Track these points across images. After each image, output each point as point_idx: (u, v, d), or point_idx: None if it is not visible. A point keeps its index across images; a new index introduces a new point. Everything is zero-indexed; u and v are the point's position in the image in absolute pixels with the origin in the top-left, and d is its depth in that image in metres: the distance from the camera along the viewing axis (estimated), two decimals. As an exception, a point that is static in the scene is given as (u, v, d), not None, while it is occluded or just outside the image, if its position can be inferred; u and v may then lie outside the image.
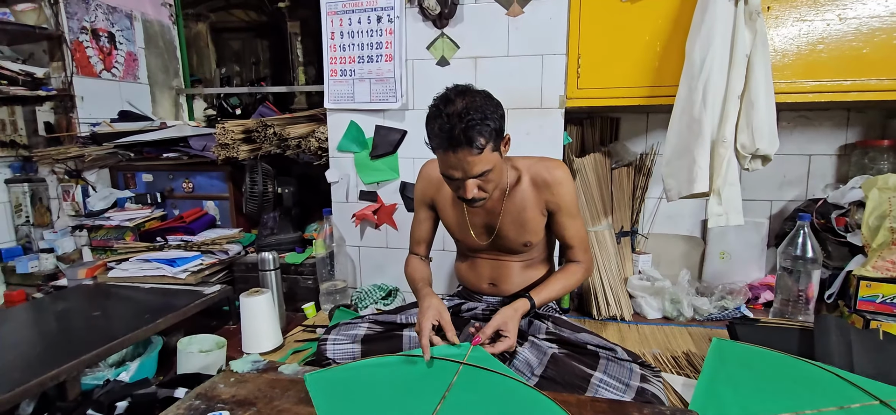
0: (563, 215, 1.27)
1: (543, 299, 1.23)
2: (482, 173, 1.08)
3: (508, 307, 1.16)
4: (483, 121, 1.03)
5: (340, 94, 1.80)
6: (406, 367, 1.07)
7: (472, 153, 1.04)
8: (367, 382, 1.04)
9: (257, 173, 1.93)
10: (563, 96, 1.61)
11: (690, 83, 1.38)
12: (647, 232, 1.95)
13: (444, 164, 1.09)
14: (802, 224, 1.49)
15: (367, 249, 1.96)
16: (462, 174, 1.08)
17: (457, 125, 1.02)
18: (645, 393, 1.02)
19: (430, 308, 1.14)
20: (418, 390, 0.98)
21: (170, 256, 1.85)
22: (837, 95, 1.42)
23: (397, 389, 1.00)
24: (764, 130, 1.34)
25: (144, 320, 1.46)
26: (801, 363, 1.19)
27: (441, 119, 1.04)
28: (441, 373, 1.03)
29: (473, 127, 1.02)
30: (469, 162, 1.06)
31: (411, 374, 1.05)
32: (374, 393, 1.00)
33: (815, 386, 1.10)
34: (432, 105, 1.09)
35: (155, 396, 1.17)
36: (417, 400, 0.95)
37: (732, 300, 1.70)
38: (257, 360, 1.17)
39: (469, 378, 1.01)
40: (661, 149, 1.87)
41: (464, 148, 1.04)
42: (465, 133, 1.02)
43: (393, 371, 1.07)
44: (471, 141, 1.03)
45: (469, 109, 1.03)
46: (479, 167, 1.07)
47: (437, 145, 1.07)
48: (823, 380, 1.12)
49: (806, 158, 1.80)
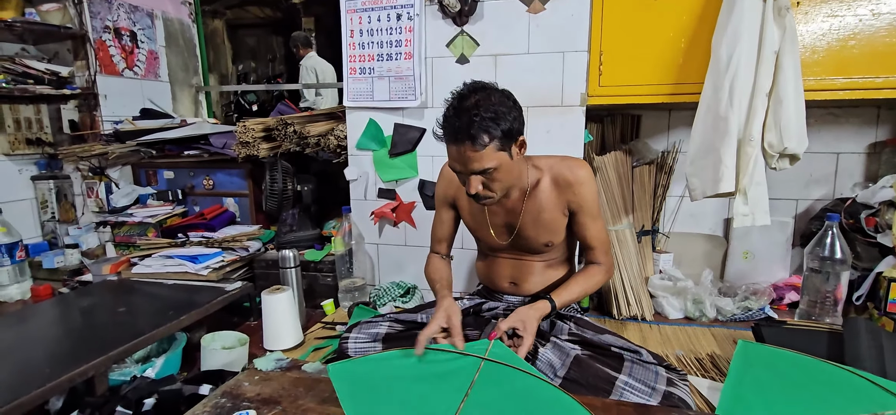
0: (584, 216, 1.25)
1: (564, 302, 1.21)
2: (484, 171, 1.08)
3: (528, 307, 1.15)
4: (492, 119, 1.03)
5: (359, 92, 1.80)
6: (429, 361, 1.07)
7: (473, 149, 1.05)
8: (389, 375, 1.04)
9: (277, 171, 1.94)
10: (584, 94, 1.59)
11: (716, 80, 1.35)
12: (669, 231, 1.92)
13: (449, 156, 1.12)
14: (831, 224, 1.46)
15: (385, 246, 1.97)
16: (463, 168, 1.10)
17: (460, 119, 1.04)
18: (671, 397, 1.00)
19: (441, 310, 1.15)
20: (441, 385, 0.99)
21: (192, 253, 1.88)
22: (869, 93, 1.38)
23: (420, 382, 1.01)
24: (792, 128, 1.31)
25: (169, 316, 1.48)
26: (831, 367, 1.16)
27: (449, 112, 1.07)
28: (463, 368, 1.03)
29: (476, 123, 1.03)
30: (468, 157, 1.06)
31: (434, 369, 1.05)
32: (397, 386, 1.00)
33: (846, 391, 1.07)
34: (448, 98, 1.11)
35: (181, 392, 1.19)
36: (441, 395, 0.95)
37: (756, 301, 1.67)
38: (281, 358, 1.18)
39: (491, 375, 1.00)
40: (683, 147, 1.84)
41: (465, 142, 1.04)
42: (467, 128, 1.03)
43: (415, 365, 1.06)
44: (472, 137, 1.03)
45: (480, 106, 1.04)
46: (478, 164, 1.07)
47: (443, 137, 1.10)
48: (855, 384, 1.09)
49: (834, 156, 1.76)
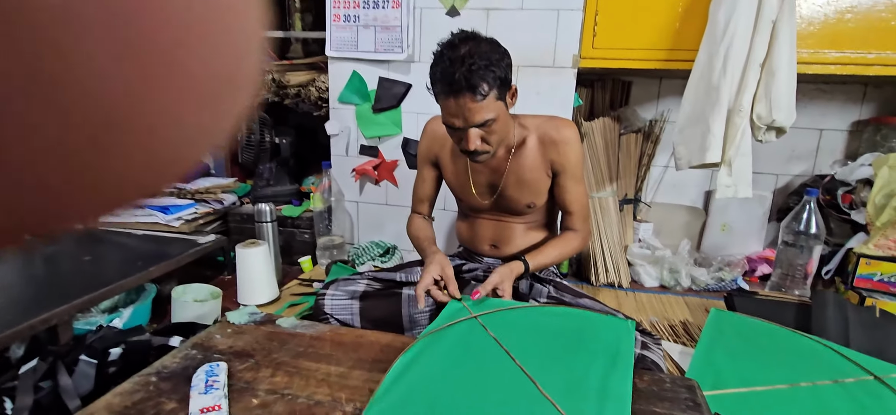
0: (566, 178, 1.23)
1: (538, 264, 1.21)
2: (484, 123, 1.04)
3: (504, 267, 1.15)
4: (487, 67, 0.99)
5: (343, 42, 1.72)
6: (449, 352, 0.92)
7: (474, 100, 1.00)
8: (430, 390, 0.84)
9: (254, 122, 1.86)
10: (576, 55, 1.55)
11: (711, 48, 1.32)
12: (651, 201, 1.92)
13: (446, 111, 1.06)
14: (809, 199, 1.48)
15: (366, 205, 1.92)
16: (463, 122, 1.04)
17: (458, 69, 0.98)
18: (645, 360, 1.01)
19: (433, 263, 1.13)
20: (473, 364, 0.87)
21: (163, 203, 1.81)
22: (859, 68, 1.38)
23: (458, 373, 0.86)
24: (782, 100, 1.30)
25: (137, 266, 1.43)
26: (797, 336, 1.20)
27: (444, 63, 1.00)
28: (472, 333, 0.97)
29: (476, 72, 0.98)
30: (470, 109, 1.01)
31: (454, 355, 0.90)
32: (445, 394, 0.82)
33: (810, 359, 1.11)
34: (437, 50, 1.05)
35: (149, 343, 1.15)
36: (483, 372, 0.84)
37: (730, 272, 1.70)
38: (254, 312, 1.15)
39: (500, 324, 0.99)
40: (671, 116, 1.82)
41: (465, 94, 1.00)
42: (467, 78, 0.98)
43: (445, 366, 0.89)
44: (473, 87, 0.99)
45: (473, 54, 0.99)
46: (480, 115, 1.02)
47: (440, 91, 1.03)
48: (819, 354, 1.13)
49: (817, 132, 1.77)
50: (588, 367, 0.86)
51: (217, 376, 0.88)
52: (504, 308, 1.04)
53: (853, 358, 1.08)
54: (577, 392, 0.80)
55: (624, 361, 0.88)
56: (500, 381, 0.83)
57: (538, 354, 0.90)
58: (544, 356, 0.89)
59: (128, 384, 0.89)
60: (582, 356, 0.89)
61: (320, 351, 1.00)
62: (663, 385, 0.90)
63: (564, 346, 0.93)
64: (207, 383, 0.86)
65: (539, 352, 0.90)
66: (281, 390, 0.87)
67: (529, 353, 0.89)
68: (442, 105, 1.06)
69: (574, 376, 0.84)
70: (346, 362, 0.96)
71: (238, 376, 0.91)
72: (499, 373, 0.84)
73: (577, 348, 0.92)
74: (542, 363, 0.87)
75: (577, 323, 1.00)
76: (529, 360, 0.87)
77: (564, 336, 0.96)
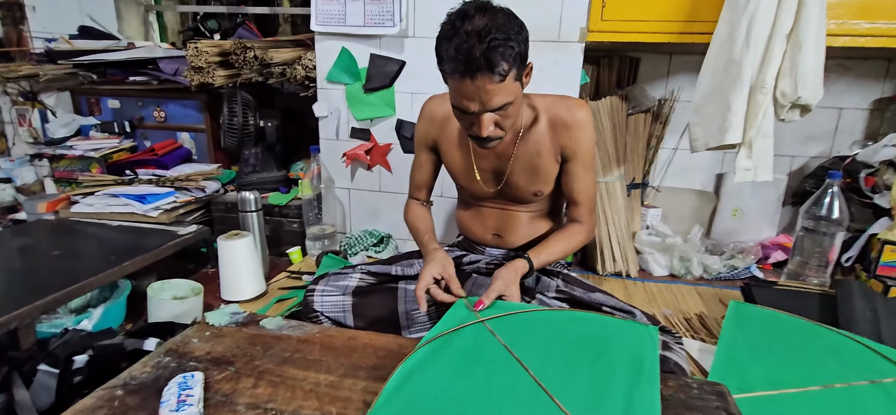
0: (576, 165, 1.12)
1: (543, 262, 1.11)
2: (502, 106, 0.92)
3: (507, 269, 1.04)
4: (506, 42, 0.86)
5: (330, 15, 1.58)
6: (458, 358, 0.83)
7: (493, 80, 0.88)
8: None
9: (236, 103, 1.73)
10: (584, 28, 1.43)
11: (733, 18, 1.21)
12: (659, 185, 1.83)
13: (459, 94, 0.93)
14: (832, 183, 1.39)
15: (358, 192, 1.81)
16: (479, 106, 0.92)
17: (477, 46, 0.85)
18: (667, 362, 0.93)
19: (434, 262, 1.03)
20: (483, 376, 0.79)
21: (140, 192, 1.68)
22: (890, 40, 1.28)
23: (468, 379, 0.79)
24: (809, 76, 1.20)
25: (110, 261, 1.32)
26: (826, 331, 1.11)
27: (459, 37, 0.86)
28: (480, 341, 0.87)
29: (496, 49, 0.85)
30: (488, 91, 0.89)
31: (462, 365, 0.81)
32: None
33: (842, 356, 1.02)
34: (446, 21, 0.91)
35: (121, 347, 1.04)
36: (494, 385, 0.76)
37: (743, 259, 1.62)
38: (236, 312, 1.05)
39: (510, 329, 0.89)
40: (682, 95, 1.72)
41: (484, 74, 0.87)
42: (487, 56, 0.85)
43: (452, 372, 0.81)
44: (492, 66, 0.86)
45: (491, 28, 0.85)
46: (499, 98, 0.91)
47: (453, 70, 0.90)
48: (851, 350, 1.04)
49: (836, 111, 1.67)
50: (610, 378, 0.77)
51: (191, 390, 0.78)
52: (514, 312, 0.94)
53: (889, 355, 0.99)
54: (600, 408, 0.71)
55: (649, 372, 0.79)
56: (513, 395, 0.73)
57: (554, 363, 0.80)
58: (561, 366, 0.80)
59: (89, 399, 0.79)
60: (603, 366, 0.80)
61: (308, 356, 0.90)
62: (690, 391, 0.81)
63: (582, 354, 0.83)
64: (180, 399, 0.76)
65: (555, 361, 0.81)
66: (263, 404, 0.77)
67: (544, 362, 0.80)
68: (454, 86, 0.93)
69: (596, 389, 0.75)
70: (337, 369, 0.86)
71: (215, 388, 0.81)
72: (512, 386, 0.75)
73: (597, 357, 0.83)
74: (559, 374, 0.78)
75: (594, 329, 0.90)
76: (545, 370, 0.78)
77: (582, 343, 0.86)
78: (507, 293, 0.99)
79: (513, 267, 1.04)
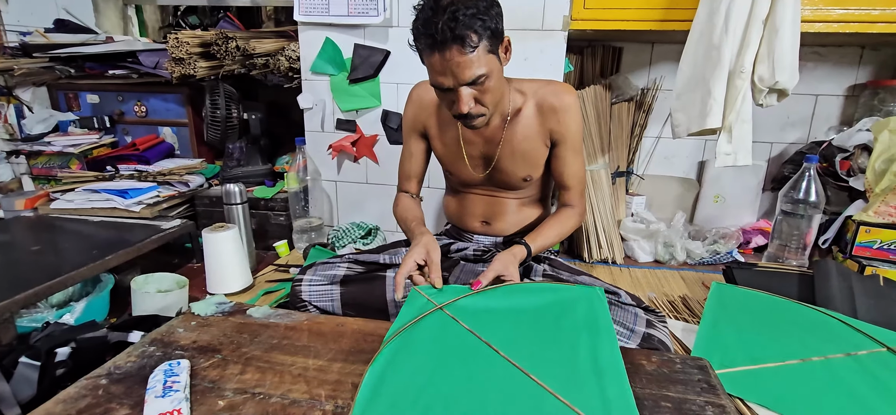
0: (565, 148, 1.14)
1: (540, 247, 1.12)
2: (477, 79, 0.93)
3: (506, 252, 1.05)
4: (473, 16, 0.88)
5: (313, 5, 1.57)
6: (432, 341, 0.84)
7: (463, 52, 0.89)
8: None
9: (219, 95, 1.71)
10: (567, 17, 1.44)
11: (712, 4, 1.23)
12: (643, 172, 1.86)
13: (433, 70, 0.95)
14: (809, 166, 1.42)
15: (344, 184, 1.81)
16: (453, 80, 0.93)
17: (442, 18, 0.87)
18: (651, 339, 0.95)
19: (419, 245, 1.01)
20: (458, 364, 0.79)
21: (121, 187, 1.66)
22: (863, 27, 1.31)
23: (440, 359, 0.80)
24: (786, 60, 1.22)
25: (92, 255, 1.29)
26: (804, 309, 1.14)
27: (426, 12, 0.90)
28: (446, 327, 0.88)
29: (461, 21, 0.87)
30: (459, 64, 0.90)
31: (435, 355, 0.80)
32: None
33: (819, 332, 1.06)
34: (418, 3, 0.93)
35: (105, 340, 1.03)
36: (472, 371, 0.77)
37: (725, 244, 1.65)
38: (223, 302, 1.04)
39: (470, 311, 0.90)
40: (664, 83, 1.74)
41: (451, 46, 0.89)
42: (451, 27, 0.87)
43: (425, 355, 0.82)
44: (460, 38, 0.88)
45: (456, 2, 0.88)
46: (471, 70, 0.91)
47: (424, 46, 0.92)
48: (828, 326, 1.08)
49: (812, 98, 1.72)
50: (574, 344, 0.81)
51: (177, 376, 0.78)
52: (465, 295, 0.94)
53: (863, 329, 1.03)
54: (574, 374, 0.74)
55: (606, 330, 0.84)
56: (493, 381, 0.74)
57: (521, 339, 0.83)
58: (528, 341, 0.82)
59: (73, 389, 0.78)
60: (565, 334, 0.83)
61: (296, 343, 0.90)
62: (674, 366, 0.83)
63: (544, 325, 0.87)
64: (166, 385, 0.76)
65: (521, 337, 0.83)
66: (251, 389, 0.77)
67: (512, 340, 0.82)
68: (428, 64, 0.95)
69: (564, 356, 0.78)
70: (325, 353, 0.86)
71: (202, 375, 0.80)
72: (489, 371, 0.76)
73: (557, 325, 0.86)
74: (528, 349, 0.80)
75: (548, 298, 0.94)
76: (515, 348, 0.80)
77: (540, 314, 0.90)
78: (505, 274, 0.99)
79: (511, 251, 1.06)
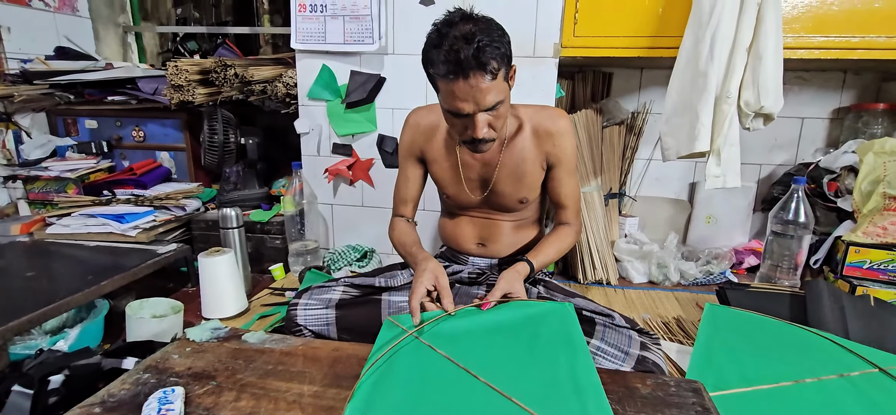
0: (561, 171, 1.17)
1: (541, 263, 1.14)
2: (494, 105, 0.96)
3: (510, 270, 1.07)
4: (492, 44, 0.90)
5: (310, 33, 1.61)
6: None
7: (486, 80, 0.91)
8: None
9: (217, 121, 1.73)
10: (557, 44, 1.48)
11: (697, 32, 1.27)
12: (635, 194, 1.88)
13: (452, 97, 0.95)
14: (797, 188, 1.45)
15: (340, 207, 1.82)
16: (474, 106, 0.95)
17: (468, 47, 0.89)
18: (645, 362, 0.95)
19: (426, 271, 1.02)
20: (439, 393, 0.80)
21: (118, 212, 1.66)
22: (844, 53, 1.35)
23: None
24: (770, 86, 1.26)
25: (87, 281, 1.29)
26: (797, 330, 1.15)
27: (448, 41, 0.91)
28: (424, 355, 0.89)
29: (485, 48, 0.89)
30: (482, 90, 0.92)
31: (416, 386, 0.81)
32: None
33: (812, 353, 1.06)
34: (432, 30, 0.95)
35: (99, 367, 1.02)
36: (453, 400, 0.78)
37: (718, 265, 1.67)
38: (218, 327, 1.04)
39: (445, 336, 0.92)
40: (654, 107, 1.78)
41: (476, 73, 0.90)
42: (477, 56, 0.89)
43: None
44: (483, 64, 0.90)
45: (476, 32, 0.90)
46: (492, 97, 0.94)
47: (445, 72, 0.92)
48: (820, 347, 1.08)
49: (798, 121, 1.76)
50: (552, 363, 0.82)
51: (172, 404, 0.77)
52: (436, 319, 0.96)
53: (855, 350, 1.04)
54: (554, 393, 0.76)
55: (580, 347, 0.86)
56: (475, 403, 0.75)
57: (499, 361, 0.84)
58: (506, 363, 0.84)
59: (66, 418, 0.77)
60: (541, 352, 0.85)
61: (292, 368, 0.90)
62: (668, 389, 0.83)
63: (519, 344, 0.88)
64: (160, 413, 0.76)
65: (499, 359, 0.84)
66: (246, 417, 0.77)
67: (490, 363, 0.83)
68: (446, 90, 0.96)
69: (543, 376, 0.79)
70: (320, 379, 0.87)
71: (197, 402, 0.80)
72: (471, 399, 0.76)
73: (533, 343, 0.88)
74: (507, 371, 0.81)
75: (520, 316, 0.96)
76: (493, 371, 0.81)
77: (514, 332, 0.91)
78: (511, 291, 1.01)
79: (515, 269, 1.07)
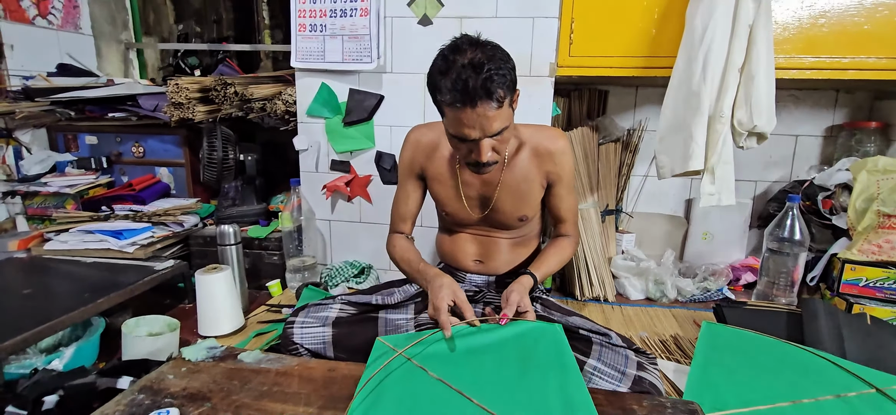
0: (562, 188, 1.19)
1: (544, 275, 1.16)
2: (500, 131, 0.97)
3: (516, 284, 1.08)
4: (500, 72, 0.92)
5: (309, 52, 1.63)
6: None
7: (492, 108, 0.93)
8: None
9: (216, 137, 1.74)
10: (553, 64, 1.50)
11: (690, 53, 1.29)
12: (632, 211, 1.89)
13: (459, 123, 0.96)
14: (792, 205, 1.46)
15: (338, 223, 1.82)
16: (480, 133, 0.96)
17: (476, 76, 0.90)
18: (642, 382, 0.95)
19: (443, 287, 1.03)
20: None
21: (116, 228, 1.66)
22: (835, 73, 1.37)
23: None
24: (762, 105, 1.28)
25: (83, 299, 1.29)
26: (794, 349, 1.15)
27: (456, 69, 0.92)
28: (414, 376, 0.90)
29: (493, 77, 0.91)
30: (489, 118, 0.94)
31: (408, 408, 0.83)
32: None
33: (809, 373, 1.06)
34: (439, 56, 0.97)
35: (93, 387, 1.02)
36: None
37: (715, 282, 1.67)
38: (213, 346, 1.04)
39: (435, 357, 0.93)
40: (649, 125, 1.80)
41: (483, 102, 0.92)
42: (485, 85, 0.90)
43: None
44: (490, 93, 0.92)
45: (484, 60, 0.92)
46: (498, 124, 0.96)
47: (453, 100, 0.94)
48: (817, 366, 1.08)
49: (792, 138, 1.77)
50: (543, 383, 0.83)
51: (165, 426, 0.77)
52: (424, 338, 0.97)
53: (852, 370, 1.03)
54: (546, 414, 0.76)
55: (571, 366, 0.87)
56: None
57: (490, 383, 0.84)
58: (497, 384, 0.84)
59: (59, 440, 0.77)
60: (533, 373, 0.86)
61: (287, 389, 0.90)
62: (664, 411, 0.83)
63: (510, 365, 0.89)
64: (154, 435, 0.75)
65: (490, 380, 0.85)
66: (240, 439, 0.77)
67: (481, 384, 0.84)
68: (454, 116, 0.97)
69: (536, 397, 0.80)
70: (316, 400, 0.86)
71: (191, 424, 0.80)
72: None
73: (524, 365, 0.88)
74: (499, 393, 0.82)
75: (510, 337, 0.96)
76: (485, 393, 0.81)
77: (504, 353, 0.92)
78: (522, 305, 1.03)
79: (520, 282, 1.09)
